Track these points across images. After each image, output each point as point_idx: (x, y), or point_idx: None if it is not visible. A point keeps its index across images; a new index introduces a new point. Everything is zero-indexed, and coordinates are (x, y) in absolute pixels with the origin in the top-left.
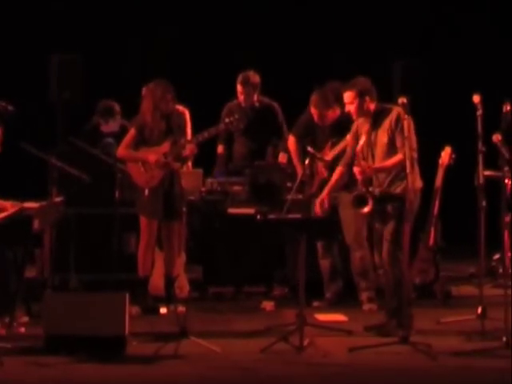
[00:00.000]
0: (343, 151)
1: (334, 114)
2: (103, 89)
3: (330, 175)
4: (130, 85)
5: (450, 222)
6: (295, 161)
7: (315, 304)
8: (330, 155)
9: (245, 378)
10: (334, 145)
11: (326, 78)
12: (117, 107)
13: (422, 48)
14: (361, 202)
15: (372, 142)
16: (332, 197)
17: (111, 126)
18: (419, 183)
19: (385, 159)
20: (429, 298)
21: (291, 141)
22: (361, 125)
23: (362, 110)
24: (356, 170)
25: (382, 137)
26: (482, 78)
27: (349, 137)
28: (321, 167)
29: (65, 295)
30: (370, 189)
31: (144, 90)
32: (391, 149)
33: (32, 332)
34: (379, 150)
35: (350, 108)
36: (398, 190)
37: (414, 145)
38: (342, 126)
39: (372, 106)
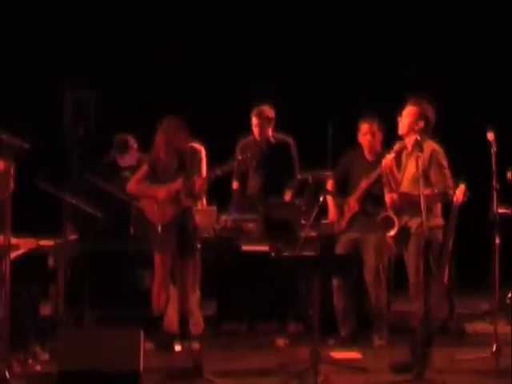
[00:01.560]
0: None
1: (380, 139)
2: (119, 124)
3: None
4: (147, 119)
5: (464, 259)
6: (330, 204)
7: (330, 342)
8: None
9: None
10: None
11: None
12: (132, 141)
13: (436, 84)
14: (387, 225)
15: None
16: (355, 237)
17: (127, 159)
18: (439, 221)
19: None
20: (443, 335)
21: (330, 183)
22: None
23: (411, 129)
24: (390, 196)
25: (418, 167)
26: (496, 115)
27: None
28: (353, 202)
29: (79, 331)
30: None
31: (159, 127)
32: (422, 181)
33: (47, 370)
34: (410, 179)
35: (404, 121)
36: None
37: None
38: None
39: (419, 134)
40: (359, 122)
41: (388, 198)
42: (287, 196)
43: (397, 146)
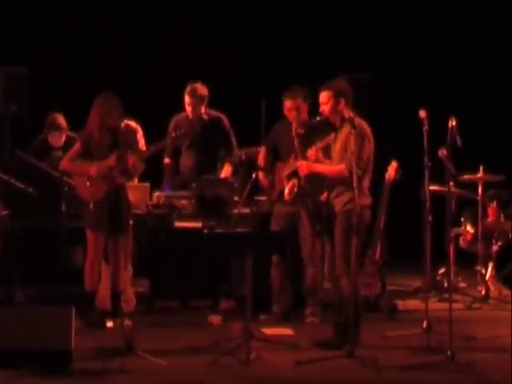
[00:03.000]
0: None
1: (306, 111)
2: (53, 102)
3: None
4: (81, 97)
5: (395, 237)
6: (261, 174)
7: (262, 318)
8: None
9: None
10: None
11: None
12: (61, 120)
13: (369, 61)
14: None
15: (331, 148)
16: (290, 211)
17: (56, 138)
18: (366, 200)
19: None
20: (375, 312)
21: (262, 153)
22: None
23: (335, 112)
24: (298, 163)
25: (337, 144)
26: (427, 93)
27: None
28: (282, 176)
29: (9, 309)
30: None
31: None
32: (343, 159)
33: None
34: (334, 156)
35: (325, 109)
36: (343, 206)
37: (363, 162)
38: (314, 135)
39: (345, 112)
40: (282, 98)
41: (298, 164)
42: (227, 170)
43: (323, 142)
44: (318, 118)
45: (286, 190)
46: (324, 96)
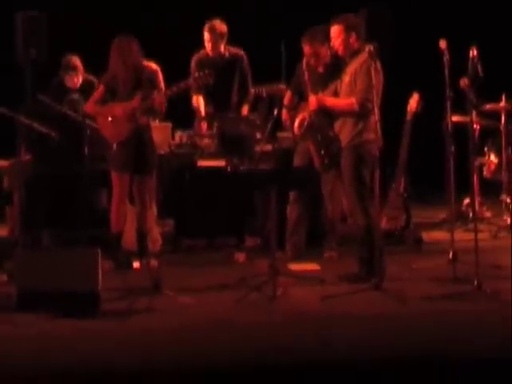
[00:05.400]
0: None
1: (326, 53)
2: (71, 45)
3: None
4: (98, 40)
5: (419, 169)
6: (284, 112)
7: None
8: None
9: (219, 328)
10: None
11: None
12: (76, 61)
13: None
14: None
15: (342, 81)
16: None
17: (72, 80)
18: (372, 134)
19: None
20: (400, 245)
21: (287, 96)
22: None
23: (347, 46)
24: (311, 98)
25: (347, 77)
26: (448, 23)
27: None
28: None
29: (37, 253)
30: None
31: (111, 46)
32: (352, 92)
33: (6, 290)
34: (343, 90)
35: (336, 43)
36: (350, 140)
37: (372, 94)
38: (334, 75)
39: (357, 45)
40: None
41: (311, 98)
42: (244, 110)
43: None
44: None
45: (296, 124)
46: (335, 30)
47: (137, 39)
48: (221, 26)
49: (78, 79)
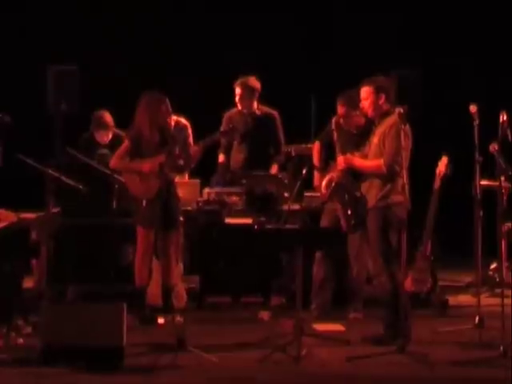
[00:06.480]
0: None
1: (358, 118)
2: (101, 100)
3: None
4: (127, 95)
5: (447, 232)
6: (317, 173)
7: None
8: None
9: None
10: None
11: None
12: (107, 117)
13: (420, 58)
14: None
15: (371, 142)
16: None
17: (103, 136)
18: (400, 197)
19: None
20: (426, 308)
21: (316, 147)
22: None
23: (376, 108)
24: (339, 158)
25: (375, 138)
26: (478, 88)
27: None
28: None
29: (62, 306)
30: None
31: (140, 102)
32: (380, 153)
33: (30, 343)
34: (371, 151)
35: (365, 104)
36: (377, 202)
37: (401, 157)
38: (366, 136)
39: (386, 107)
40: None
41: (339, 159)
42: (273, 169)
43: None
44: None
45: (323, 184)
46: (364, 91)
47: (166, 96)
48: (254, 81)
49: (108, 136)
